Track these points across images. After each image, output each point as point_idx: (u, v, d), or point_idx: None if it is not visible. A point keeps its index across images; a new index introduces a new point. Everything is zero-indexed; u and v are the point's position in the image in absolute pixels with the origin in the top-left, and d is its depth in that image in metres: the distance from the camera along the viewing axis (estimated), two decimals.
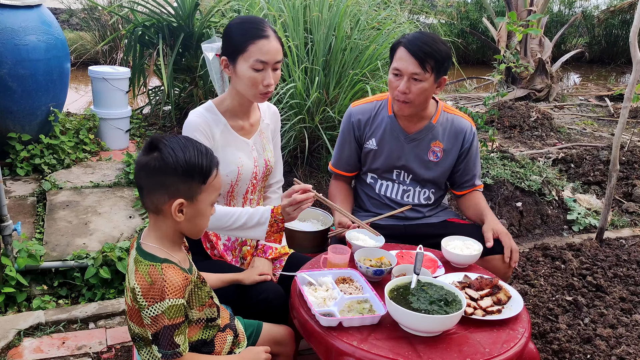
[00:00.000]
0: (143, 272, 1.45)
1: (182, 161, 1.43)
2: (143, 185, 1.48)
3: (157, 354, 1.46)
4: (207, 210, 1.52)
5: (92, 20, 7.87)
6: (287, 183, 3.85)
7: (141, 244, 1.52)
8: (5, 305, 2.69)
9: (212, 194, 1.50)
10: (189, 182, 1.44)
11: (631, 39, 3.13)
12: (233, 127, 2.04)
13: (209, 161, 1.48)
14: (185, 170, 1.43)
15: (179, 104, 5.15)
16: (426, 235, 2.24)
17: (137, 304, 1.44)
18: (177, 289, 1.43)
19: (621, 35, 10.84)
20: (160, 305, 1.41)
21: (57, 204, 3.55)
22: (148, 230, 1.55)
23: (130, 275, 1.50)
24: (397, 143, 2.34)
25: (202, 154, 1.47)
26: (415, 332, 1.59)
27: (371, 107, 2.39)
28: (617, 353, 2.39)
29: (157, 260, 1.46)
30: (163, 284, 1.42)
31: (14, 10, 3.84)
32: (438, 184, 2.42)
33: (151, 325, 1.43)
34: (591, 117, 6.91)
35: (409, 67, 2.13)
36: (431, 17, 8.22)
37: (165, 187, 1.44)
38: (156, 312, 1.42)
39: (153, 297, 1.42)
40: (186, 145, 1.46)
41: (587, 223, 3.88)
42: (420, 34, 2.19)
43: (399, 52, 2.17)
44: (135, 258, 1.50)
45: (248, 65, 1.89)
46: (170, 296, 1.42)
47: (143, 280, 1.44)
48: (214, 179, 1.49)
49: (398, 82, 2.18)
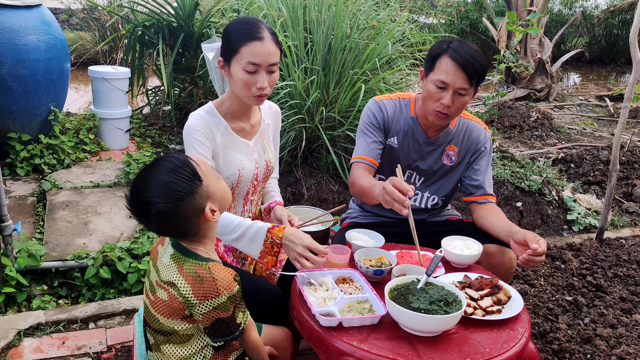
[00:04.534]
0: (189, 270, 1.48)
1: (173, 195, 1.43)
2: (171, 232, 1.54)
3: (204, 347, 1.55)
4: (220, 183, 1.56)
5: (92, 20, 7.87)
6: (287, 183, 3.87)
7: (179, 241, 1.55)
8: (5, 305, 2.69)
9: (210, 172, 1.54)
10: (196, 193, 1.47)
11: (631, 39, 3.13)
12: (234, 129, 2.03)
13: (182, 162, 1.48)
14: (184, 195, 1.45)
15: (178, 104, 5.16)
16: (427, 234, 2.24)
17: (186, 300, 1.47)
18: (229, 284, 1.48)
19: (621, 35, 10.84)
20: (213, 301, 1.46)
21: (57, 204, 3.55)
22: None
23: (165, 270, 1.52)
24: (415, 145, 2.29)
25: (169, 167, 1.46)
26: (415, 332, 1.59)
27: (396, 105, 2.31)
28: (617, 353, 2.39)
29: (202, 260, 1.51)
30: (215, 283, 1.46)
31: (14, 10, 3.84)
32: (449, 190, 2.37)
33: (204, 320, 1.49)
34: (591, 117, 6.91)
35: (457, 82, 2.04)
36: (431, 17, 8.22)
37: (185, 218, 1.48)
38: (208, 309, 1.47)
39: (205, 295, 1.46)
40: (157, 182, 1.45)
41: (587, 223, 3.88)
42: (465, 45, 2.07)
43: (444, 63, 2.05)
44: (174, 255, 1.53)
45: (240, 67, 1.87)
46: (224, 292, 1.47)
47: (191, 279, 1.47)
48: (200, 168, 1.51)
49: (441, 94, 2.08)
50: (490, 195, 2.30)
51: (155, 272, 1.56)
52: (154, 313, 1.55)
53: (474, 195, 2.30)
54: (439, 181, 2.34)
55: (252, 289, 1.94)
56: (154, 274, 1.57)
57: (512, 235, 2.01)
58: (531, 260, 1.89)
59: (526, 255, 1.88)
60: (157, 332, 1.56)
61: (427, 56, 2.15)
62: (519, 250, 1.97)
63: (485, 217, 2.23)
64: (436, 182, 2.34)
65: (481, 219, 2.25)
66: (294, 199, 3.80)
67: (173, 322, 1.52)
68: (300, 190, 3.83)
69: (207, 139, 1.94)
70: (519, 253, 1.96)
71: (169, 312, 1.51)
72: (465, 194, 2.35)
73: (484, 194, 2.29)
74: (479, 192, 2.29)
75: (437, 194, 2.36)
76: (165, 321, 1.53)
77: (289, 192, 3.80)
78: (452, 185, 2.36)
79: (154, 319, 1.55)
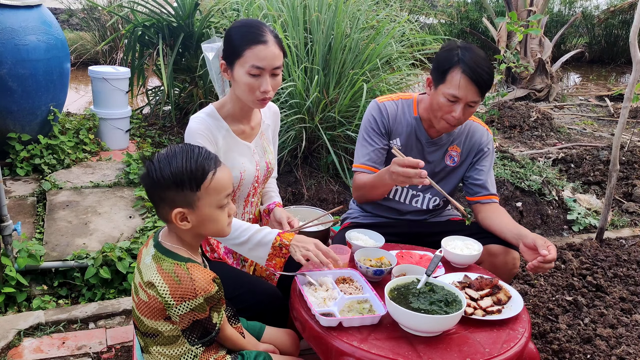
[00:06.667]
0: (168, 270, 1.47)
1: (168, 174, 1.43)
2: (151, 201, 1.54)
3: (191, 347, 1.53)
4: (215, 213, 1.49)
5: (92, 20, 7.86)
6: (287, 183, 3.87)
7: (161, 242, 1.53)
8: (5, 305, 2.69)
9: (214, 196, 1.47)
10: (180, 192, 1.44)
11: (631, 39, 3.13)
12: (235, 132, 2.01)
13: (201, 167, 1.44)
14: (173, 182, 1.43)
15: (179, 104, 5.15)
16: (427, 234, 2.23)
17: (164, 301, 1.46)
18: (206, 285, 1.47)
19: (621, 35, 10.83)
20: (190, 303, 1.45)
21: (57, 204, 3.55)
22: (168, 231, 1.56)
23: (146, 271, 1.51)
24: (418, 146, 2.29)
25: (192, 161, 1.44)
26: (415, 332, 1.59)
27: (398, 105, 2.30)
28: (617, 353, 2.38)
29: (181, 260, 1.49)
30: (192, 283, 1.45)
31: (14, 10, 3.84)
32: (451, 191, 2.36)
33: (181, 322, 1.48)
34: (591, 117, 6.91)
35: (469, 96, 2.04)
36: (431, 17, 8.22)
37: (163, 200, 1.47)
38: (185, 310, 1.46)
39: (182, 296, 1.44)
40: (175, 154, 1.45)
41: (587, 223, 3.88)
42: (473, 54, 2.05)
43: (457, 77, 2.03)
44: (154, 255, 1.51)
45: (244, 71, 1.86)
46: (201, 293, 1.45)
47: (169, 279, 1.46)
48: (210, 183, 1.45)
49: (452, 107, 2.07)
50: (493, 195, 2.30)
51: (138, 274, 1.55)
52: (139, 315, 1.54)
53: (477, 195, 2.30)
54: (441, 182, 2.33)
55: (252, 290, 1.94)
56: (138, 276, 1.56)
57: (522, 239, 2.00)
58: (540, 267, 1.89)
59: (536, 262, 1.89)
60: (144, 334, 1.56)
61: (436, 65, 2.11)
62: (528, 254, 1.96)
63: (492, 218, 2.22)
64: (438, 183, 2.34)
65: (487, 220, 2.24)
66: (294, 199, 3.80)
67: (156, 323, 1.51)
68: (300, 190, 3.83)
69: (209, 143, 1.93)
70: (528, 257, 1.96)
71: (150, 313, 1.50)
72: (468, 194, 2.35)
73: (488, 194, 2.29)
74: (482, 192, 2.29)
75: (439, 194, 2.36)
76: (149, 322, 1.52)
77: (289, 192, 3.80)
78: (453, 185, 2.36)
79: (139, 321, 1.55)
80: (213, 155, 1.51)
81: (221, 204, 1.49)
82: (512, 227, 2.12)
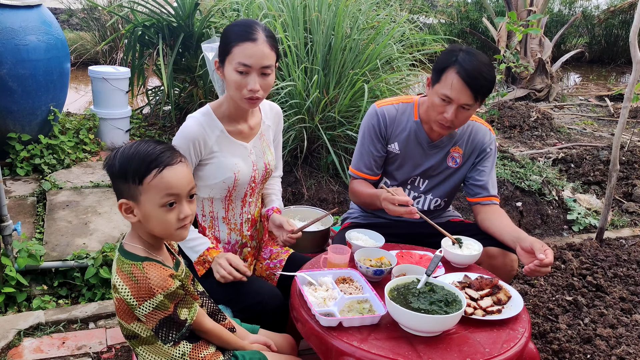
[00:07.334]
0: (126, 271, 1.47)
1: (117, 164, 1.46)
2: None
3: (164, 347, 1.53)
4: (157, 212, 1.45)
5: (92, 20, 7.86)
6: (287, 183, 3.86)
7: (123, 244, 1.54)
8: (5, 305, 2.69)
9: (155, 193, 1.44)
10: (126, 183, 1.46)
11: (631, 39, 3.13)
12: (231, 132, 2.00)
13: (147, 162, 1.44)
14: (119, 172, 1.46)
15: (178, 104, 5.15)
16: (428, 235, 2.24)
17: (128, 303, 1.47)
18: (163, 282, 1.46)
19: (621, 35, 10.83)
20: (151, 302, 1.45)
21: (57, 204, 3.55)
22: (130, 231, 1.57)
23: (112, 275, 1.53)
24: (419, 149, 2.28)
25: (143, 155, 1.45)
26: (415, 332, 1.59)
27: (397, 109, 2.30)
28: (617, 353, 2.38)
29: (137, 259, 1.49)
30: (148, 282, 1.44)
31: (14, 10, 3.84)
32: (452, 191, 2.37)
33: (148, 322, 1.48)
34: (591, 117, 6.91)
35: (462, 98, 2.03)
36: (431, 17, 8.22)
37: (115, 190, 1.51)
38: (148, 310, 1.46)
39: (141, 296, 1.45)
40: (132, 147, 1.48)
41: (587, 223, 3.88)
42: (473, 57, 2.04)
43: (450, 77, 2.04)
44: (117, 258, 1.53)
45: (232, 68, 1.86)
46: (159, 291, 1.45)
47: (128, 280, 1.46)
48: (152, 179, 1.43)
49: (445, 107, 2.07)
50: (494, 197, 2.29)
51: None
52: (118, 319, 1.55)
53: (477, 196, 2.30)
54: (442, 183, 2.33)
55: (251, 290, 1.94)
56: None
57: (520, 242, 2.01)
58: (536, 270, 1.89)
59: (532, 266, 1.89)
60: (126, 337, 1.57)
61: (435, 65, 2.12)
62: (525, 258, 1.97)
63: (491, 220, 2.22)
64: (439, 184, 2.34)
65: (486, 221, 2.24)
66: (294, 199, 3.81)
67: (131, 325, 1.52)
68: (300, 190, 3.83)
69: (193, 153, 1.93)
70: (525, 260, 1.96)
71: (123, 315, 1.51)
72: (468, 194, 2.34)
73: (488, 195, 2.29)
74: (483, 193, 2.29)
75: (440, 195, 2.36)
76: (125, 325, 1.53)
77: (289, 192, 3.81)
78: (454, 186, 2.36)
79: (120, 324, 1.56)
80: (170, 155, 1.47)
81: (162, 202, 1.45)
82: (510, 229, 2.12)
